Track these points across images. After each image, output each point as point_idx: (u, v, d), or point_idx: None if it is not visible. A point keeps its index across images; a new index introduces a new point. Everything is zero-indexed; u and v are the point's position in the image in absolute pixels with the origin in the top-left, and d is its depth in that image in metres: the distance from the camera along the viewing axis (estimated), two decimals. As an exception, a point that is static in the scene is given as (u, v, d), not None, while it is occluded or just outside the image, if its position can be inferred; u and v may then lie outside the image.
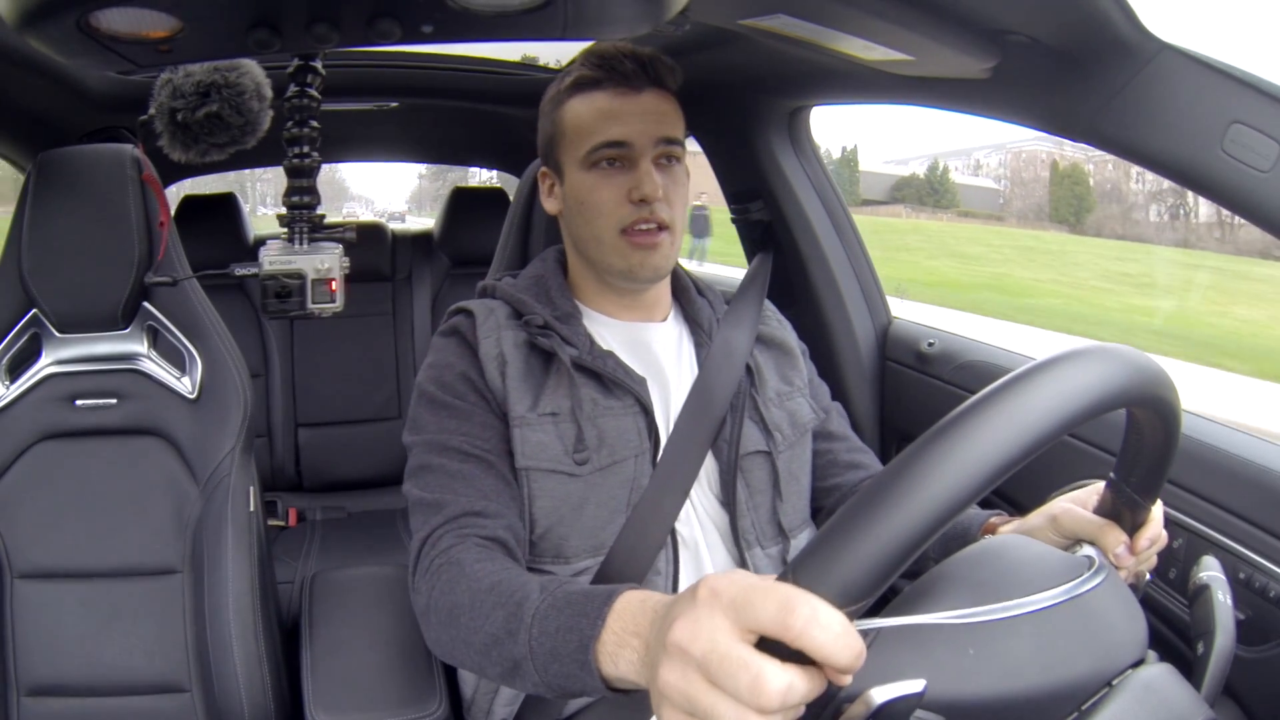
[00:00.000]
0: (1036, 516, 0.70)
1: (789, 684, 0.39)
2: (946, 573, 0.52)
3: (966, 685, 0.47)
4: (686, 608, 0.44)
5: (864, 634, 0.42)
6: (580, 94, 0.87)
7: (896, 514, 0.40)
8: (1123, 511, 0.62)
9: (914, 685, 0.44)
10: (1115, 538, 0.62)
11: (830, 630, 0.39)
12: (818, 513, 0.97)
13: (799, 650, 0.39)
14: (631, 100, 0.85)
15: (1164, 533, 0.65)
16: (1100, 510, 0.64)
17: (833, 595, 0.40)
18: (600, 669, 0.55)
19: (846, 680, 0.41)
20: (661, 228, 0.85)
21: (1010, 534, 0.65)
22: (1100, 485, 0.66)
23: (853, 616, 0.41)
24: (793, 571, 0.42)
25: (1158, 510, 0.63)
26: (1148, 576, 0.68)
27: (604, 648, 0.55)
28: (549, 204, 0.94)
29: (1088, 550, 0.58)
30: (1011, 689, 0.47)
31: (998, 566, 0.53)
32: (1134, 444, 0.56)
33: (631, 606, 0.55)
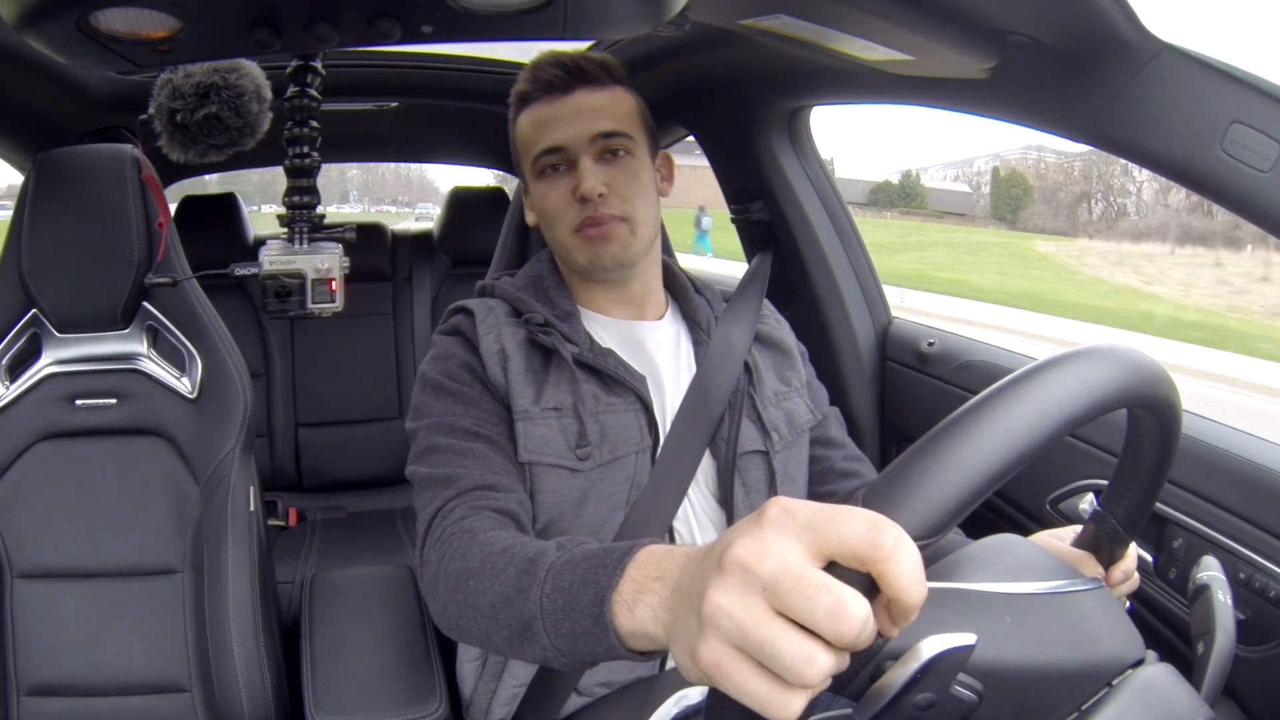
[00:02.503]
0: None
1: (868, 615, 0.35)
2: (971, 554, 0.53)
3: (1004, 651, 0.46)
4: (750, 528, 0.38)
5: None
6: (522, 111, 0.90)
7: (978, 444, 0.40)
8: (1102, 545, 0.63)
9: (965, 638, 0.43)
10: (1092, 569, 0.63)
11: (913, 560, 0.35)
12: None
13: (873, 580, 0.36)
14: (560, 104, 0.87)
15: (1136, 575, 0.67)
16: (1079, 544, 0.66)
17: (908, 527, 0.37)
18: (615, 622, 0.50)
19: (894, 632, 0.38)
20: (614, 219, 0.86)
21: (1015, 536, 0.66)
22: (1077, 527, 0.67)
23: (924, 551, 0.39)
24: (864, 501, 0.39)
25: (1132, 549, 0.64)
26: (1127, 606, 0.69)
27: (621, 597, 0.50)
28: (529, 217, 0.96)
29: None
30: (1046, 660, 0.47)
31: (1019, 554, 0.53)
32: (1128, 470, 0.57)
33: (656, 555, 0.50)
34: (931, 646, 0.42)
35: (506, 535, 0.69)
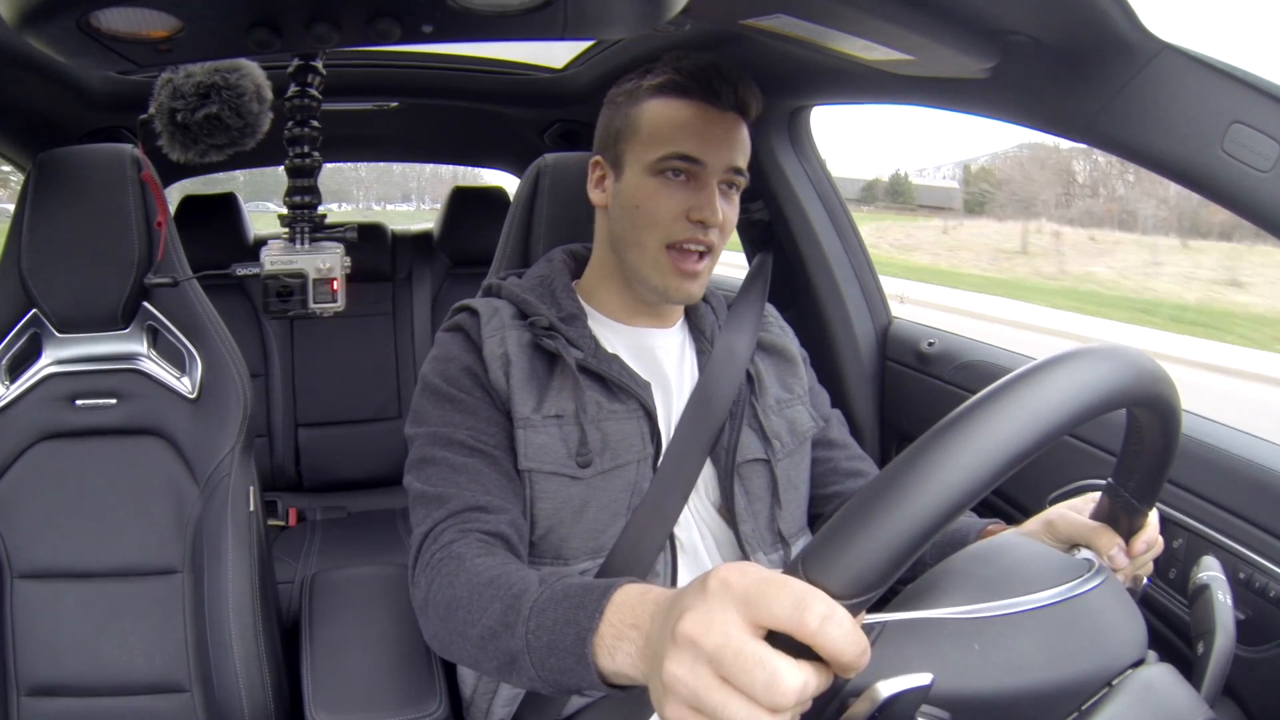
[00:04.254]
0: (1033, 522, 0.71)
1: (804, 682, 0.39)
2: (951, 569, 0.52)
3: (971, 680, 0.47)
4: (697, 599, 0.42)
5: (870, 628, 0.43)
6: (663, 97, 0.85)
7: (907, 504, 0.40)
8: (1119, 516, 0.62)
9: (921, 679, 0.44)
10: (1109, 540, 0.62)
11: (842, 628, 0.38)
12: (816, 519, 0.97)
13: (808, 647, 0.39)
14: (714, 119, 0.84)
15: (1160, 539, 0.65)
16: (1096, 516, 0.64)
17: (841, 587, 0.39)
18: (597, 663, 0.53)
19: (850, 674, 0.40)
20: (705, 254, 0.85)
21: (1011, 534, 0.65)
22: (1096, 494, 0.66)
23: (858, 610, 0.40)
24: (802, 563, 0.41)
25: (1153, 516, 0.63)
26: (1144, 582, 0.68)
27: (601, 640, 0.53)
28: (595, 195, 0.91)
29: (1085, 553, 0.59)
30: (1015, 684, 0.47)
31: (1001, 564, 0.53)
32: (1134, 447, 0.56)
33: (631, 598, 0.53)
34: (887, 688, 0.44)
35: (492, 563, 0.70)
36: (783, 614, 0.39)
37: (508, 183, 2.31)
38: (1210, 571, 0.60)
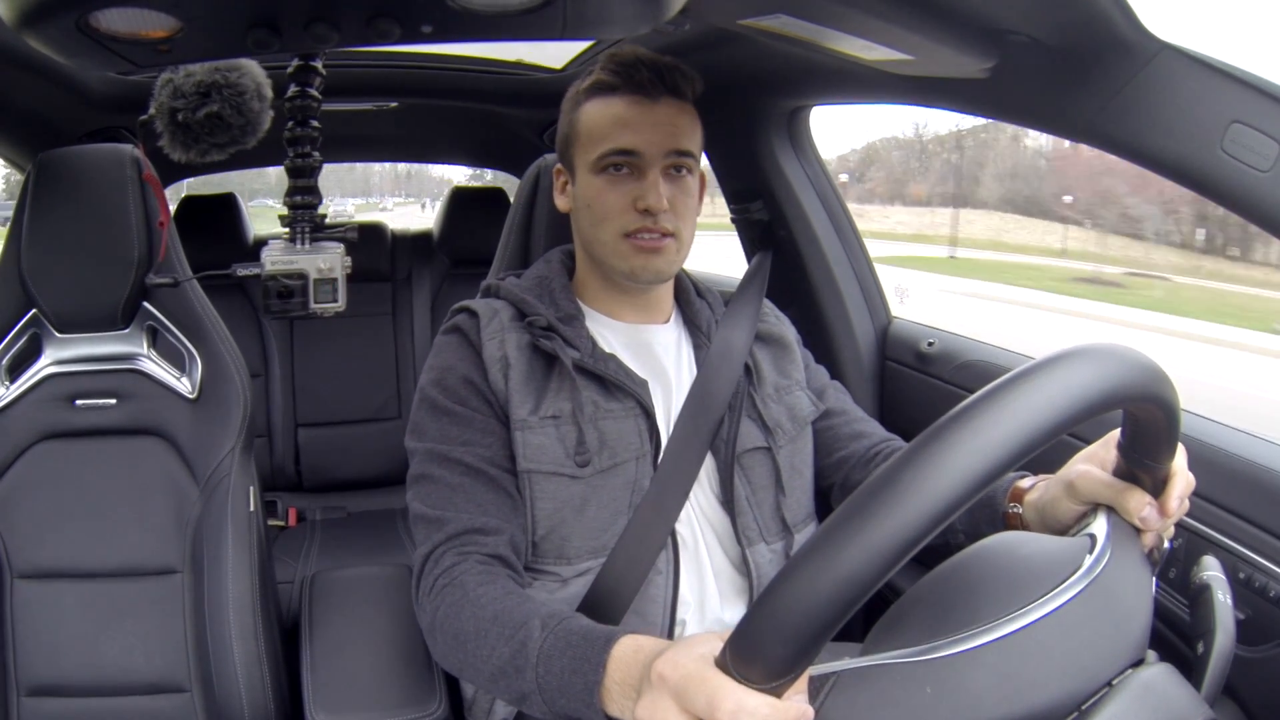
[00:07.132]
0: (1055, 484, 0.68)
1: None
2: (917, 597, 0.52)
3: None
4: (647, 687, 0.53)
5: (824, 679, 0.45)
6: (597, 98, 0.87)
7: (813, 589, 0.40)
8: (1138, 475, 0.58)
9: None
10: (1138, 501, 0.58)
11: (757, 715, 0.44)
12: (831, 489, 0.98)
13: None
14: (646, 109, 0.85)
15: (1192, 477, 0.60)
16: (1119, 473, 0.60)
17: (762, 676, 0.42)
18: (607, 710, 0.60)
19: None
20: (665, 235, 0.85)
21: (999, 538, 0.61)
22: (1117, 434, 0.60)
23: (784, 688, 0.43)
24: (729, 648, 0.45)
25: (1182, 461, 0.59)
26: (1167, 546, 0.63)
27: (609, 694, 0.60)
28: (560, 201, 0.94)
29: (1094, 526, 0.57)
30: None
31: (972, 579, 0.52)
32: (1133, 426, 0.55)
33: (626, 656, 0.60)
34: None
35: (494, 593, 0.73)
36: (700, 709, 0.46)
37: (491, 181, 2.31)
38: (1210, 571, 0.59)
